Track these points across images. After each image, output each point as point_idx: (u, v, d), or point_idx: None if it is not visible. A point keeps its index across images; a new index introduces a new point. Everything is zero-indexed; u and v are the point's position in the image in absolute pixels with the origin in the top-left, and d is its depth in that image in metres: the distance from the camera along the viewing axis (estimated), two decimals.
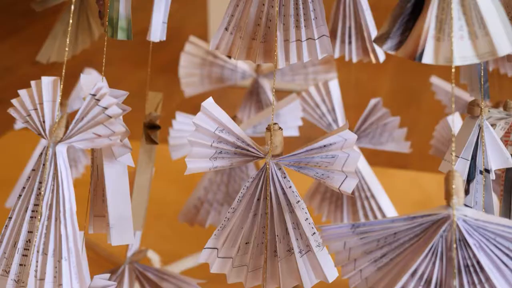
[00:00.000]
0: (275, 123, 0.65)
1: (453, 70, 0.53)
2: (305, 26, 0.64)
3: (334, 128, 1.05)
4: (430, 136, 1.02)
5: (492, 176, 0.66)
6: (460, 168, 0.65)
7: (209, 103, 0.65)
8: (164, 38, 0.85)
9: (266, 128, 0.65)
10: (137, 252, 0.92)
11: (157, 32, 0.83)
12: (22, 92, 0.60)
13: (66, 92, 0.77)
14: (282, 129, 0.65)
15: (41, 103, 0.59)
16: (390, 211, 1.08)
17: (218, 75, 1.23)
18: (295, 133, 1.09)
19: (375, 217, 1.07)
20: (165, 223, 1.35)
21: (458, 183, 0.53)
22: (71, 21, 0.70)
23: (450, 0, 0.52)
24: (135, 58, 2.22)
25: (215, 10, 2.36)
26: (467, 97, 0.94)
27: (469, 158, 0.65)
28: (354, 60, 1.04)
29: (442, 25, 0.52)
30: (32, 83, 0.59)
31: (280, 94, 0.96)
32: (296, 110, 1.07)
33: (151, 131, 0.86)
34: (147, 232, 0.94)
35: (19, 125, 1.13)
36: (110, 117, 0.57)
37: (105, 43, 0.74)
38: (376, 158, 1.10)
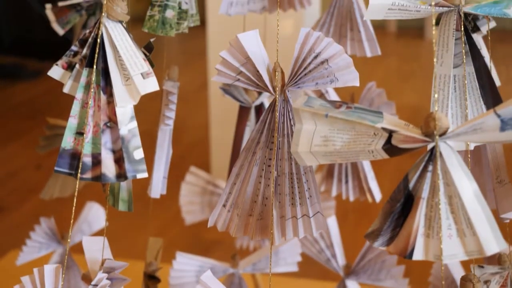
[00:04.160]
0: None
1: (442, 268, 0.54)
2: (300, 204, 0.66)
3: (333, 263, 1.06)
4: None
5: None
6: None
7: (207, 277, 0.67)
8: (165, 192, 0.87)
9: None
10: None
11: (158, 188, 0.86)
12: (25, 279, 0.61)
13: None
14: None
15: None
16: None
17: None
18: (294, 268, 1.10)
19: None
20: None
21: None
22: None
23: (439, 200, 0.54)
24: None
25: (216, 111, 2.39)
26: None
27: None
28: (351, 198, 1.06)
29: (431, 222, 0.54)
30: (35, 270, 0.61)
31: None
32: (295, 246, 1.08)
33: (151, 282, 0.87)
34: None
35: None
36: None
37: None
38: None
